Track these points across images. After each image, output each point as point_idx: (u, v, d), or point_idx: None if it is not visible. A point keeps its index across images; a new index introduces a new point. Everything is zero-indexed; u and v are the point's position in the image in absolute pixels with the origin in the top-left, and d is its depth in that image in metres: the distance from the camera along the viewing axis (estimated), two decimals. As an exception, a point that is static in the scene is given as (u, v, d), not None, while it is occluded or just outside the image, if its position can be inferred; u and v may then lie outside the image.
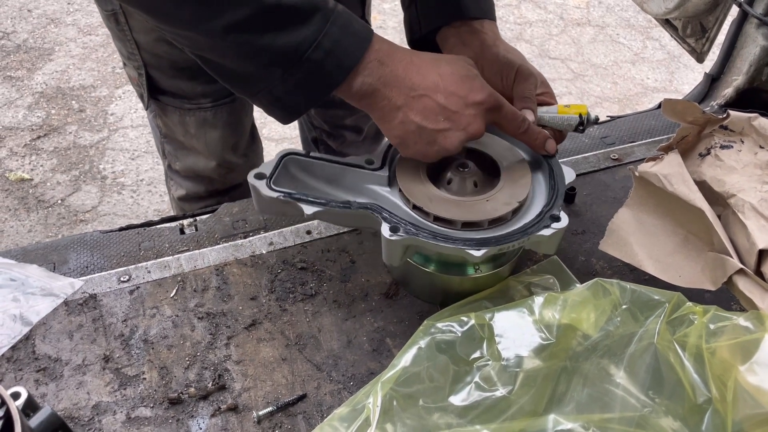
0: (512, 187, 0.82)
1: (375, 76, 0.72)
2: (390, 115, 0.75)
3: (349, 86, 0.72)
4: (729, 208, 0.81)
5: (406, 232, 0.75)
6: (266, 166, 0.81)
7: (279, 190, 0.79)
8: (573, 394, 0.71)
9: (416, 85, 0.74)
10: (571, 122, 0.87)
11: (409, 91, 0.74)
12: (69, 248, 0.96)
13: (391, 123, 0.75)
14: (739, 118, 0.85)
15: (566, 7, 3.64)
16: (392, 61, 0.73)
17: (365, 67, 0.72)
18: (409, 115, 0.74)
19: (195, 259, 0.94)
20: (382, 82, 0.73)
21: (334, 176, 0.84)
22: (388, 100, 0.74)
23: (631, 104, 3.00)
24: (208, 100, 1.19)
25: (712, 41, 1.34)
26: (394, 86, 0.73)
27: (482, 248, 0.74)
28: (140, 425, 0.76)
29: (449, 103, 0.74)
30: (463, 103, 0.75)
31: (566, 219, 0.77)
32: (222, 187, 1.36)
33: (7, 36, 3.13)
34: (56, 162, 2.52)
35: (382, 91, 0.73)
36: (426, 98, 0.74)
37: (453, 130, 0.75)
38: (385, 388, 0.69)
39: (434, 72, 0.75)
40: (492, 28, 0.92)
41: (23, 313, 0.85)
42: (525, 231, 0.77)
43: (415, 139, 0.76)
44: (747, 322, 0.68)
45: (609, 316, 0.74)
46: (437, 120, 0.74)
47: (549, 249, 0.81)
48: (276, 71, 0.70)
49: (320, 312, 0.88)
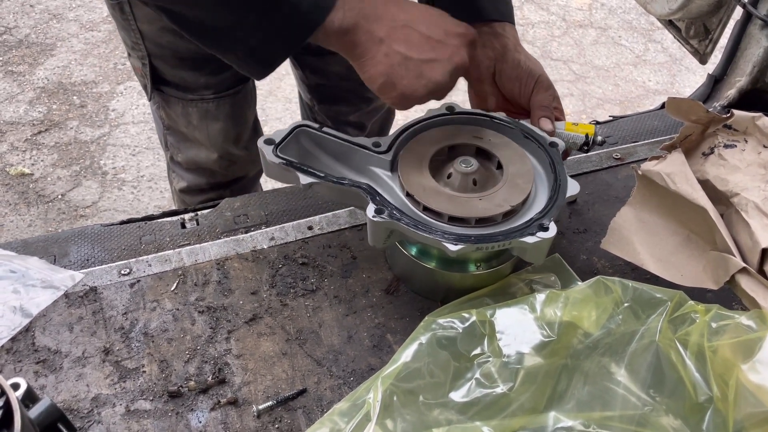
0: (511, 190, 0.82)
1: (354, 10, 0.71)
2: (372, 50, 0.73)
3: (329, 24, 0.70)
4: (732, 207, 0.80)
5: (389, 216, 0.76)
6: (278, 134, 0.84)
7: (282, 157, 0.81)
8: (574, 392, 0.71)
9: (398, 17, 0.73)
10: (577, 141, 0.90)
11: (391, 23, 0.72)
12: (70, 241, 0.96)
13: (374, 59, 0.73)
14: (743, 118, 0.85)
15: (569, 8, 3.64)
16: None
17: (344, 3, 0.70)
18: (393, 46, 0.72)
19: (196, 253, 0.94)
20: (362, 16, 0.71)
21: (342, 153, 0.86)
22: (369, 34, 0.72)
23: (632, 106, 3.00)
24: (211, 91, 1.19)
25: (716, 42, 1.34)
26: (374, 19, 0.72)
27: (459, 244, 0.74)
28: (139, 418, 0.75)
29: (433, 33, 0.73)
30: (444, 32, 0.74)
31: (554, 230, 0.76)
32: (223, 180, 1.36)
33: (9, 31, 3.13)
34: (57, 157, 2.52)
35: (363, 25, 0.71)
36: (408, 29, 0.72)
37: (440, 61, 0.74)
38: (385, 383, 0.69)
39: (413, 7, 0.75)
40: (513, 33, 0.91)
41: (23, 305, 0.84)
42: (507, 234, 0.76)
43: (402, 72, 0.73)
44: (749, 321, 0.68)
45: (610, 314, 0.74)
46: (423, 50, 0.73)
47: (535, 258, 0.80)
48: (251, 17, 0.68)
49: (321, 307, 0.88)
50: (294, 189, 1.08)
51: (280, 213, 1.02)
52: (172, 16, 0.70)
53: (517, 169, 0.84)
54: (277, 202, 1.04)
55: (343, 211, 1.01)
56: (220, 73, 1.18)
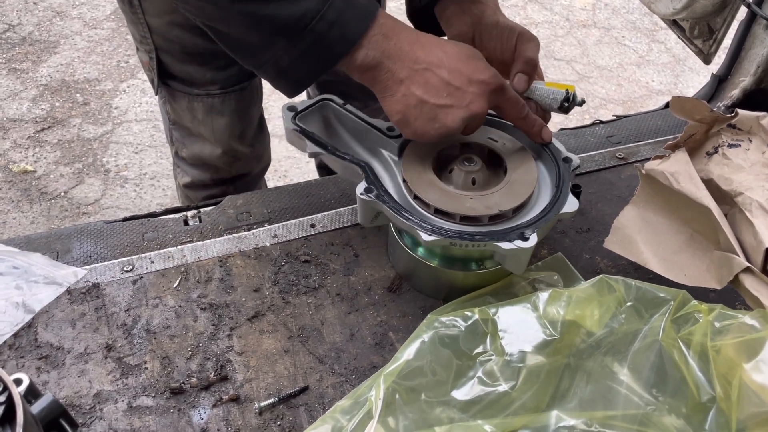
0: (506, 196, 0.81)
1: (379, 49, 0.72)
2: (392, 89, 0.75)
3: (353, 59, 0.73)
4: (736, 207, 0.80)
5: (376, 197, 0.78)
6: (303, 103, 0.89)
7: (297, 125, 0.86)
8: (576, 391, 0.71)
9: (420, 59, 0.74)
10: (557, 96, 0.85)
11: (413, 64, 0.73)
12: (72, 237, 0.96)
13: (393, 97, 0.75)
14: (747, 117, 0.85)
15: (572, 8, 3.64)
16: (397, 36, 0.74)
17: (369, 40, 0.72)
18: (411, 88, 0.74)
19: (198, 251, 0.94)
20: (385, 55, 0.73)
21: (359, 132, 0.89)
22: (390, 73, 0.74)
23: (635, 107, 2.99)
24: (217, 87, 1.19)
25: (720, 42, 1.33)
26: (397, 59, 0.73)
27: (433, 235, 0.75)
28: (141, 414, 0.75)
29: (453, 79, 0.74)
30: (466, 80, 0.74)
31: (533, 242, 0.75)
32: (227, 176, 1.36)
33: (13, 28, 3.13)
34: (60, 154, 2.52)
35: (386, 64, 0.73)
36: (429, 72, 0.73)
37: (455, 107, 0.74)
38: (387, 381, 0.69)
39: (439, 49, 0.75)
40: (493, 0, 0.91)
41: (26, 301, 0.85)
42: (485, 236, 0.76)
43: (416, 114, 0.75)
44: (753, 321, 0.67)
45: (613, 313, 0.74)
46: (439, 95, 0.74)
47: (514, 267, 0.79)
48: (280, 42, 0.71)
49: (323, 305, 0.88)
50: (297, 187, 1.08)
51: (282, 210, 1.02)
52: (215, 32, 0.74)
53: (520, 177, 0.84)
54: (280, 200, 1.04)
55: (346, 209, 1.01)
56: (227, 69, 1.18)
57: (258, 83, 1.31)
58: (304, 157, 2.57)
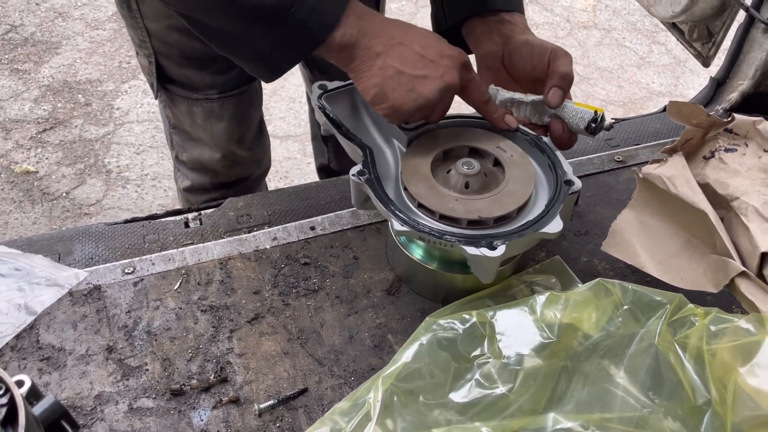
0: (492, 205, 0.81)
1: (355, 27, 0.75)
2: (368, 63, 0.77)
3: (331, 40, 0.75)
4: (732, 211, 0.81)
5: (365, 180, 0.81)
6: (334, 84, 0.94)
7: (321, 103, 0.91)
8: (573, 394, 0.72)
9: (395, 35, 0.77)
10: (585, 116, 0.83)
11: (388, 39, 0.77)
12: (74, 239, 0.97)
13: (369, 71, 0.77)
14: (744, 122, 0.85)
15: (573, 10, 3.64)
16: (370, 16, 0.77)
17: (345, 20, 0.74)
18: (388, 60, 0.76)
19: (199, 253, 0.94)
20: (361, 33, 0.75)
21: (379, 119, 0.92)
22: (367, 49, 0.76)
23: (635, 108, 3.00)
24: (216, 91, 1.20)
25: (719, 46, 1.34)
26: (373, 36, 0.76)
27: (405, 226, 0.77)
28: (142, 416, 0.76)
29: (426, 52, 0.77)
30: (438, 54, 0.78)
31: (499, 252, 0.74)
32: (227, 180, 1.37)
33: (15, 29, 3.14)
34: (61, 155, 2.53)
35: (362, 41, 0.76)
36: (404, 46, 0.77)
37: (430, 78, 0.77)
38: (386, 383, 0.69)
39: (410, 28, 0.79)
40: (521, 20, 0.92)
41: (28, 303, 0.85)
42: (451, 236, 0.77)
43: (394, 85, 0.77)
44: (748, 325, 0.68)
45: (610, 316, 0.74)
46: (416, 66, 0.77)
47: (481, 274, 0.78)
48: (260, 28, 0.72)
49: (322, 307, 0.88)
50: (297, 189, 1.09)
51: (282, 213, 1.03)
52: (190, 21, 0.75)
53: (514, 189, 0.83)
54: (280, 203, 1.05)
55: (346, 212, 1.02)
56: (226, 73, 1.19)
57: (257, 87, 1.31)
58: (305, 159, 2.57)
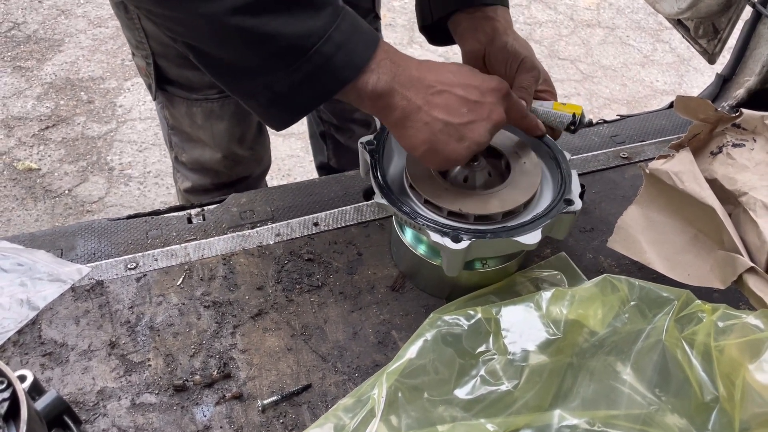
0: (483, 203, 0.81)
1: (390, 74, 0.70)
2: (412, 117, 0.72)
3: (363, 85, 0.69)
4: (740, 207, 0.80)
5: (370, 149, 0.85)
6: None
7: None
8: (579, 390, 0.71)
9: (433, 82, 0.72)
10: (563, 120, 0.86)
11: (427, 90, 0.71)
12: (77, 235, 0.96)
13: (414, 127, 0.72)
14: (752, 117, 0.84)
15: (576, 8, 3.63)
16: (404, 62, 0.72)
17: (378, 65, 0.69)
18: (432, 112, 0.71)
19: (202, 248, 0.94)
20: (398, 82, 0.70)
21: None
22: (407, 101, 0.71)
23: (639, 106, 2.99)
24: (215, 91, 1.19)
25: (725, 42, 1.33)
26: (410, 86, 0.71)
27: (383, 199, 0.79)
28: (145, 411, 0.76)
29: (468, 94, 0.73)
30: (480, 92, 0.74)
31: (461, 246, 0.75)
32: (228, 180, 1.36)
33: (18, 26, 3.14)
34: (64, 152, 2.53)
35: (400, 92, 0.71)
36: (446, 93, 0.72)
37: (478, 121, 0.73)
38: (390, 379, 0.69)
39: (445, 70, 0.74)
40: (505, 16, 0.91)
41: (30, 298, 0.85)
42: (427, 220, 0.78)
43: (444, 138, 0.73)
44: (756, 321, 0.67)
45: (617, 312, 0.74)
46: (461, 113, 0.72)
47: (446, 268, 0.79)
48: (281, 63, 0.66)
49: (326, 303, 0.88)
50: (300, 185, 1.08)
51: (286, 209, 1.03)
52: (197, 53, 0.69)
53: (511, 196, 0.83)
54: (283, 199, 1.04)
55: (350, 208, 1.01)
56: None
57: None
58: (308, 156, 2.57)
